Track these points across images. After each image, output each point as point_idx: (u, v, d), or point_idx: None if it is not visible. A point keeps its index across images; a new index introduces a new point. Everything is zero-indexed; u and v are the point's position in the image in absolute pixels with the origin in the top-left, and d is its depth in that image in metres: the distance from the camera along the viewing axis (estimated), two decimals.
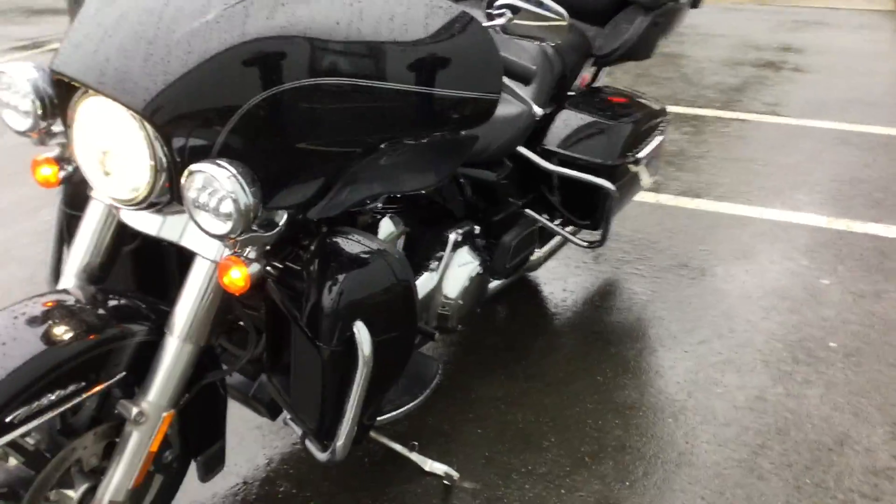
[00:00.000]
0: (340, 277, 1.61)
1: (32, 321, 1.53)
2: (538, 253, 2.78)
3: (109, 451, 1.63)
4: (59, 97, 1.51)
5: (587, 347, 2.78)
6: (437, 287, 2.28)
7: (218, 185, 1.33)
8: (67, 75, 1.41)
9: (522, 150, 2.50)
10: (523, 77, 1.86)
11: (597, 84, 2.98)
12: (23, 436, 1.46)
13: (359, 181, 1.58)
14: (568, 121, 2.57)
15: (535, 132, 2.53)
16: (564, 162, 2.55)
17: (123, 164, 1.44)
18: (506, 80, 1.84)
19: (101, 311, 1.60)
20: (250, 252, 1.51)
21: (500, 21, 1.75)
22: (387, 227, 2.04)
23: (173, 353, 1.56)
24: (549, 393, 2.54)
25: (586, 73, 2.92)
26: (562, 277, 3.23)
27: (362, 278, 1.64)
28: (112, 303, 1.63)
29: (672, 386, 2.57)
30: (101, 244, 1.70)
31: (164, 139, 1.37)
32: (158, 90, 1.34)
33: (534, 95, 2.41)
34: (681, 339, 2.82)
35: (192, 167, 1.35)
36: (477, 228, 2.42)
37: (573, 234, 2.79)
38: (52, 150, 1.64)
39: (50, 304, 1.59)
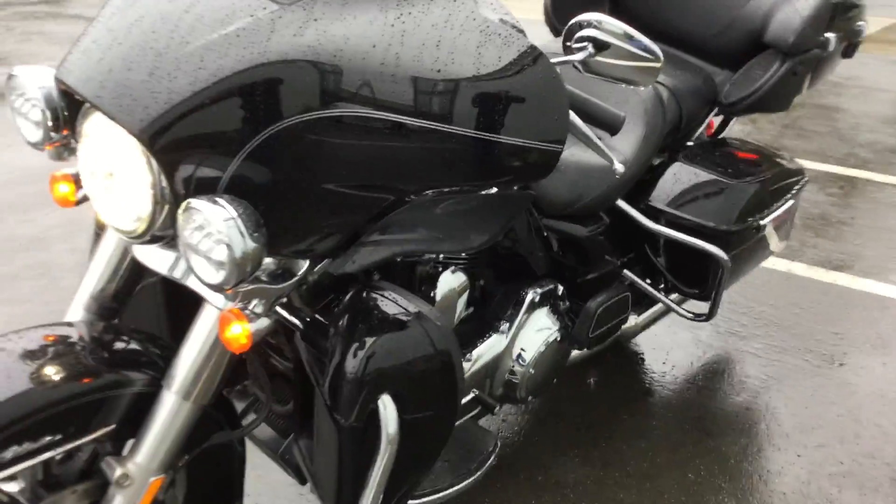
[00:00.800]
0: (368, 341, 1.37)
1: (26, 355, 1.37)
2: (634, 320, 2.44)
3: None
4: (69, 108, 1.35)
5: (681, 436, 2.42)
6: (506, 351, 2.00)
7: (212, 227, 1.12)
8: (67, 84, 1.24)
9: (623, 204, 2.19)
10: (609, 125, 1.57)
11: (724, 135, 2.63)
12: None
13: (389, 234, 1.33)
14: (679, 175, 2.24)
15: (639, 185, 2.22)
16: (672, 222, 2.22)
17: (126, 190, 1.25)
18: (586, 127, 1.56)
19: (102, 353, 1.41)
20: (257, 306, 1.29)
21: (578, 56, 1.47)
22: (447, 282, 1.77)
23: (169, 411, 1.35)
24: (628, 486, 2.20)
25: (713, 122, 2.58)
26: (664, 347, 2.88)
27: (393, 345, 1.39)
28: (117, 344, 1.45)
29: (776, 497, 2.18)
30: (116, 274, 1.52)
31: (163, 167, 1.17)
32: (160, 110, 1.14)
33: (633, 146, 2.10)
34: (795, 440, 2.41)
35: (189, 202, 1.14)
36: (560, 289, 2.13)
37: (678, 303, 2.44)
38: (72, 167, 1.48)
39: (50, 337, 1.42)
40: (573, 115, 1.52)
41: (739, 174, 2.27)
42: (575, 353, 2.23)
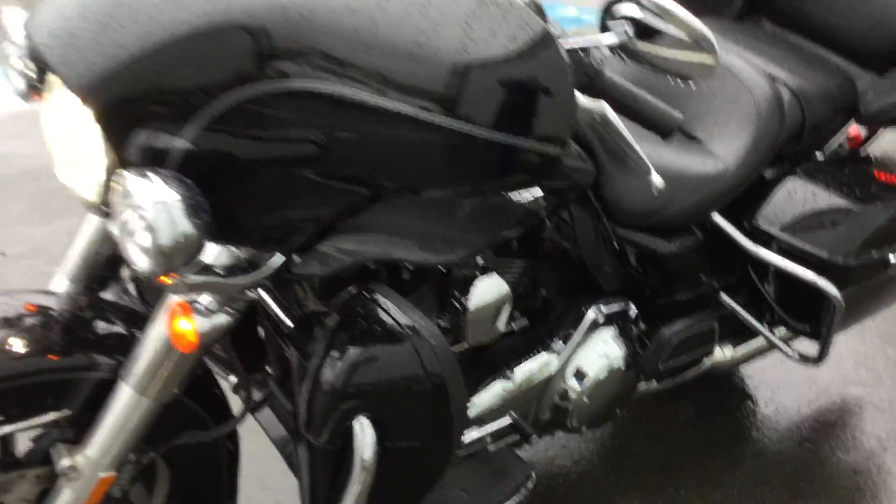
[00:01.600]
0: (349, 353, 1.19)
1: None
2: (730, 353, 2.12)
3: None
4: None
5: (766, 493, 2.08)
6: (558, 374, 1.76)
7: (140, 207, 0.96)
8: (29, 33, 1.11)
9: (719, 219, 1.88)
10: (659, 126, 1.29)
11: (866, 149, 2.24)
12: None
13: (360, 234, 1.13)
14: (794, 192, 1.89)
15: (744, 199, 1.89)
16: (779, 247, 1.89)
17: (81, 154, 1.11)
18: (622, 126, 1.30)
19: (77, 330, 1.30)
20: (211, 302, 1.12)
21: (609, 39, 1.20)
22: (484, 289, 1.54)
23: (123, 405, 1.22)
24: None
25: (857, 132, 2.20)
26: (771, 385, 2.51)
27: (376, 361, 1.20)
28: (97, 322, 1.33)
29: None
30: (106, 242, 1.40)
31: (107, 131, 1.01)
32: (104, 66, 0.98)
33: (737, 152, 1.78)
34: None
35: (121, 173, 0.99)
36: (633, 310, 1.86)
37: (785, 339, 2.10)
38: None
39: (31, 306, 1.33)
40: (609, 111, 1.26)
41: (869, 198, 1.90)
42: (643, 385, 1.95)
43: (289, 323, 1.32)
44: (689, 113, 1.90)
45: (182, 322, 1.08)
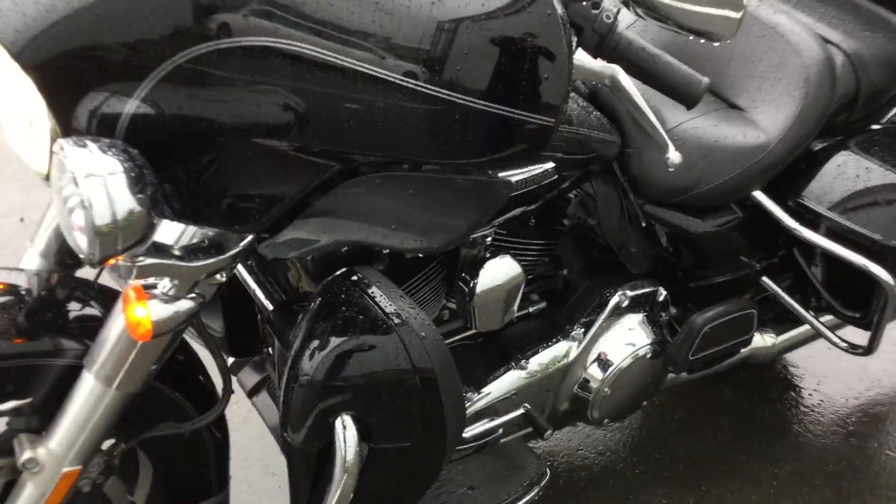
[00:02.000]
0: (329, 344, 1.06)
1: None
2: (772, 341, 1.95)
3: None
4: None
5: (807, 494, 1.93)
6: (577, 361, 1.63)
7: (74, 180, 0.84)
8: None
9: (761, 197, 1.70)
10: (681, 94, 1.13)
11: None
12: None
13: (331, 216, 0.99)
14: (845, 167, 1.71)
15: (789, 174, 1.72)
16: (827, 227, 1.71)
17: (33, 124, 1.00)
18: (637, 94, 1.14)
19: (46, 312, 1.21)
20: (169, 287, 1.00)
21: None
22: (494, 270, 1.41)
23: (86, 396, 1.12)
24: None
25: None
26: (817, 374, 2.34)
27: (358, 355, 1.07)
28: (69, 304, 1.23)
29: None
30: None
31: (47, 96, 0.90)
32: (40, 23, 0.86)
33: (782, 122, 1.60)
34: None
35: (59, 143, 0.87)
36: (662, 293, 1.71)
37: (833, 327, 1.92)
38: None
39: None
40: (621, 75, 1.11)
41: None
42: (673, 376, 1.80)
43: (269, 306, 1.21)
44: (729, 78, 1.73)
45: (137, 309, 0.97)
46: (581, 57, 1.05)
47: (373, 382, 1.06)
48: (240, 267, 1.29)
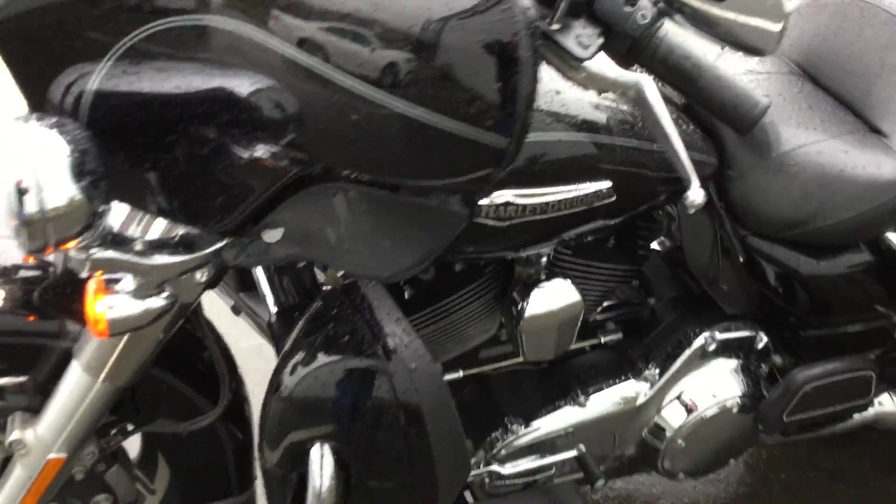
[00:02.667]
0: (312, 364, 0.96)
1: None
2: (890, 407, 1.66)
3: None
4: None
5: None
6: (650, 404, 1.43)
7: (9, 160, 0.77)
8: None
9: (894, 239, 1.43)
10: (734, 118, 0.91)
11: None
12: None
13: (290, 228, 0.86)
14: None
15: None
16: None
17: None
18: (667, 116, 0.93)
19: (63, 288, 1.17)
20: (133, 284, 0.92)
21: None
22: (546, 296, 1.24)
23: (73, 385, 1.06)
24: None
25: None
26: None
27: (343, 380, 0.96)
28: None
29: None
30: None
31: (14, 72, 0.83)
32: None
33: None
34: None
35: (14, 119, 0.81)
36: (763, 339, 1.47)
37: None
38: None
39: (29, 258, 1.21)
40: (649, 89, 0.90)
41: None
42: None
43: (272, 308, 1.11)
44: (874, 97, 1.46)
45: (97, 303, 0.90)
46: (600, 62, 0.87)
47: (353, 412, 0.95)
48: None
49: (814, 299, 1.44)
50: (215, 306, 1.27)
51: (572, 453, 1.40)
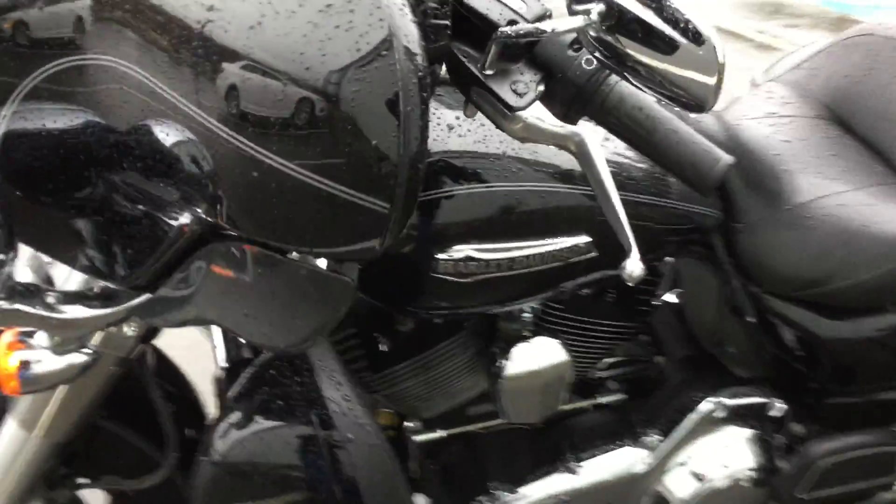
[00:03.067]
0: (241, 432, 0.88)
1: None
2: None
3: None
4: None
5: None
6: (652, 473, 1.32)
7: None
8: None
9: None
10: (692, 177, 0.80)
11: None
12: None
13: (200, 288, 0.78)
14: None
15: None
16: None
17: None
18: (608, 177, 0.81)
19: None
20: (51, 340, 0.85)
21: (569, 24, 0.74)
22: (532, 352, 1.14)
23: (7, 441, 0.99)
24: None
25: None
26: None
27: (275, 448, 0.88)
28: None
29: None
30: None
31: None
32: None
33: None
34: None
35: None
36: (779, 407, 1.35)
37: None
38: None
39: None
40: (593, 145, 0.80)
41: None
42: None
43: (221, 363, 1.04)
44: None
45: (10, 358, 0.84)
46: (538, 113, 0.78)
47: (284, 484, 0.86)
48: None
49: (835, 365, 1.32)
50: None
51: None
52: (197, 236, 0.73)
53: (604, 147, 1.02)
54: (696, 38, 0.71)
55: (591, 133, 0.79)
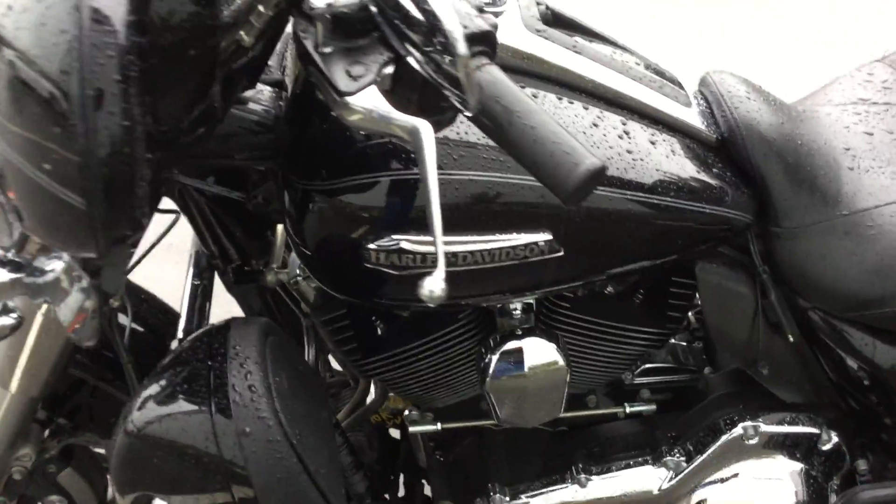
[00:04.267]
0: (151, 407, 0.88)
1: None
2: None
3: None
4: None
5: None
6: (671, 496, 1.19)
7: None
8: None
9: None
10: (548, 178, 0.66)
11: None
12: None
13: None
14: None
15: None
16: None
17: None
18: (432, 174, 0.68)
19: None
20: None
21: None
22: (521, 353, 1.06)
23: None
24: None
25: None
26: None
27: (172, 431, 0.86)
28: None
29: None
30: None
31: None
32: None
33: None
34: None
35: None
36: (831, 438, 1.17)
37: None
38: None
39: None
40: (427, 137, 0.68)
41: None
42: None
43: (179, 333, 1.04)
44: None
45: None
46: (375, 99, 0.68)
47: (187, 469, 0.85)
48: None
49: (894, 397, 1.13)
50: None
51: None
52: None
53: None
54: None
55: (428, 129, 0.69)
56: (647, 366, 1.27)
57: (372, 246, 0.87)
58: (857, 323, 1.08)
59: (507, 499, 1.20)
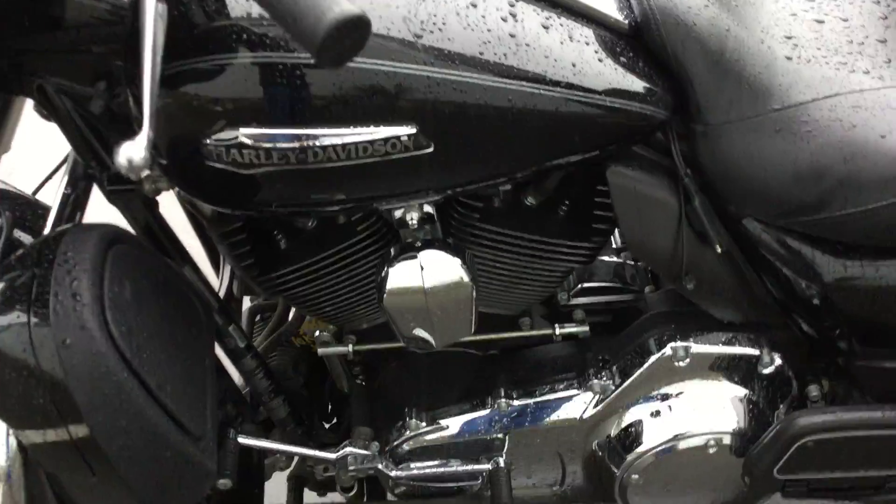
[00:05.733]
0: None
1: None
2: None
3: None
4: None
5: None
6: (600, 420, 1.12)
7: None
8: None
9: None
10: (294, 27, 0.56)
11: None
12: None
13: None
14: None
15: None
16: None
17: None
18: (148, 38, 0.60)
19: None
20: None
21: None
22: (418, 266, 0.96)
23: None
24: None
25: None
26: None
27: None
28: None
29: None
30: None
31: None
32: None
33: None
34: None
35: None
36: (773, 360, 1.08)
37: None
38: None
39: None
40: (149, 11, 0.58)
41: None
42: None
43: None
44: None
45: None
46: None
47: (13, 375, 0.79)
48: None
49: (847, 318, 1.02)
50: None
51: (485, 466, 1.13)
52: None
53: None
54: None
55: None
56: (585, 285, 1.18)
57: (208, 141, 0.79)
58: (793, 231, 0.97)
59: (424, 424, 1.13)
